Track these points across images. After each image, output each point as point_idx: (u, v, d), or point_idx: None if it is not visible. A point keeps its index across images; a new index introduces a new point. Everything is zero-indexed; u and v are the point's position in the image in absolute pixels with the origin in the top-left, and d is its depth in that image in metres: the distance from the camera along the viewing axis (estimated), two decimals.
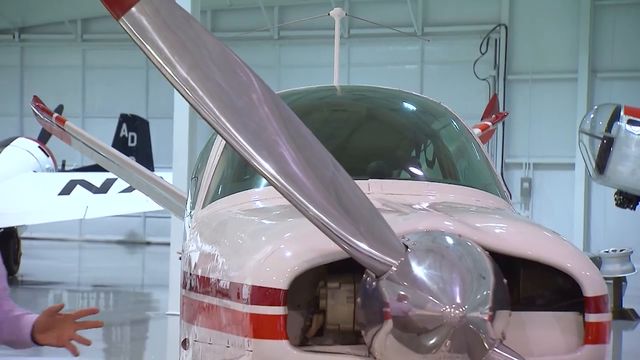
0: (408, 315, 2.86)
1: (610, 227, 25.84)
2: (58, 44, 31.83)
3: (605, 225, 26.29)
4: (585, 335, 3.15)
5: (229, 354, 3.44)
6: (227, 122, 2.89)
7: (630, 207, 21.07)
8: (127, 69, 29.05)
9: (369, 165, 4.47)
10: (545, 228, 3.37)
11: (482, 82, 27.62)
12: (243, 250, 3.46)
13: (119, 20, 2.86)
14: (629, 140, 19.77)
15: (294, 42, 29.44)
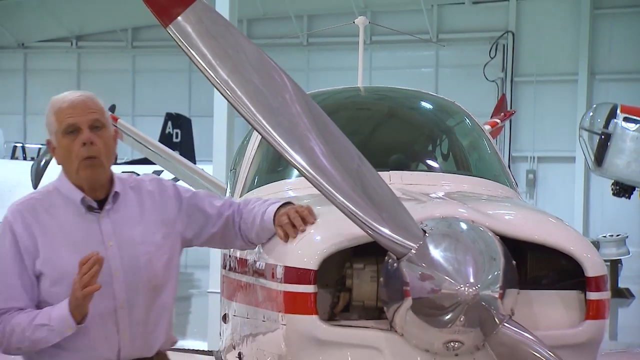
0: (426, 293, 2.86)
1: (607, 214, 25.76)
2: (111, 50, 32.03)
3: (602, 213, 26.21)
4: (587, 312, 3.14)
5: (265, 328, 3.45)
6: (263, 119, 2.90)
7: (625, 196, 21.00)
8: (171, 72, 29.18)
9: (390, 158, 4.47)
10: (550, 214, 3.36)
11: (491, 84, 27.57)
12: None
13: (167, 28, 2.88)
14: (624, 136, 19.71)
15: (322, 47, 29.46)
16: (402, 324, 2.97)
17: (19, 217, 3.26)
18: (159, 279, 3.33)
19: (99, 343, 3.23)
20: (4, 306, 3.20)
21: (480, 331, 2.87)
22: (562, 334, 3.11)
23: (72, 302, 3.09)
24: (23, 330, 3.15)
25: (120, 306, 3.24)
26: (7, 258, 3.23)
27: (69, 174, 3.32)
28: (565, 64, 27.12)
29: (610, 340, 11.62)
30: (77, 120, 3.26)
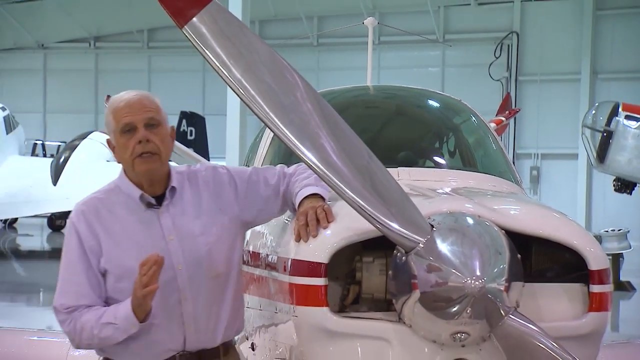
0: (434, 286, 2.86)
1: (609, 209, 25.73)
2: (127, 50, 32.12)
3: (604, 208, 26.18)
4: (590, 304, 3.13)
5: (277, 319, 3.46)
6: (275, 117, 2.90)
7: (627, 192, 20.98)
8: (186, 72, 29.24)
9: (399, 155, 4.47)
10: (554, 209, 3.36)
11: (496, 83, 27.59)
12: (289, 228, 3.47)
13: (182, 29, 2.88)
14: (626, 134, 19.69)
15: (331, 48, 29.48)
16: (410, 315, 2.97)
17: (82, 218, 3.31)
18: (221, 269, 3.35)
19: (164, 335, 3.28)
20: (74, 304, 3.26)
21: (487, 323, 2.87)
22: (566, 326, 3.10)
23: (134, 302, 3.14)
24: (92, 328, 3.21)
25: (184, 298, 3.28)
26: (74, 258, 3.29)
27: (128, 171, 3.35)
28: (568, 63, 27.11)
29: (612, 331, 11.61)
30: (133, 119, 3.28)
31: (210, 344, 3.35)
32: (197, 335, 3.31)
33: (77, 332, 3.25)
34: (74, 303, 3.26)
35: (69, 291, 3.28)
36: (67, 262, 3.33)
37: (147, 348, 3.29)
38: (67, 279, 3.31)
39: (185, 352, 3.31)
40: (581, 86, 26.89)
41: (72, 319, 3.25)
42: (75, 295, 3.26)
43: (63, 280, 3.32)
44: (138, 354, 3.30)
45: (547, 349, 2.84)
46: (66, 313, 3.27)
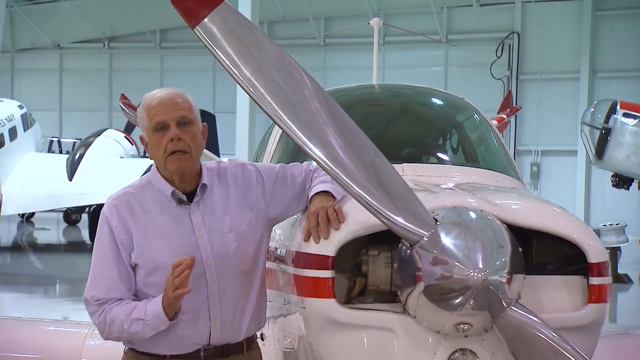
0: (438, 278, 2.85)
1: (607, 204, 25.71)
2: (140, 51, 32.17)
3: (603, 203, 26.16)
4: (589, 296, 3.12)
5: (286, 310, 3.46)
6: (283, 114, 2.89)
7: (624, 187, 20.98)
8: (197, 71, 29.28)
9: (403, 151, 4.46)
10: (554, 204, 3.35)
11: (497, 82, 27.58)
12: (297, 223, 3.47)
13: (194, 29, 2.87)
14: (624, 131, 19.69)
15: (338, 48, 29.49)
16: (414, 307, 2.97)
17: (114, 212, 3.30)
18: (248, 265, 3.34)
19: (191, 329, 3.27)
20: (105, 296, 3.25)
21: (489, 314, 2.87)
22: (566, 317, 3.09)
23: (165, 302, 3.14)
24: (122, 322, 3.21)
25: (211, 293, 3.27)
26: (106, 252, 3.29)
27: (160, 168, 3.35)
28: (567, 62, 27.09)
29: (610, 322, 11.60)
30: (166, 118, 3.27)
31: (235, 339, 3.34)
32: (222, 330, 3.30)
33: (107, 325, 3.25)
34: (104, 295, 3.25)
35: (100, 283, 3.27)
36: (98, 255, 3.32)
37: (174, 342, 3.28)
38: (99, 271, 3.30)
39: (210, 346, 3.31)
40: (580, 85, 26.88)
41: (102, 311, 3.25)
42: (106, 287, 3.26)
43: (95, 273, 3.31)
44: (165, 347, 3.29)
45: (547, 340, 2.84)
46: (97, 305, 3.27)
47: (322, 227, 3.14)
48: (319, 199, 3.28)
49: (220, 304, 3.28)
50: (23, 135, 23.81)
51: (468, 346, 2.99)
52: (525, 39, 27.94)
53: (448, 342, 2.99)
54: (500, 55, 27.75)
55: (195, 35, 2.88)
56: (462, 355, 3.00)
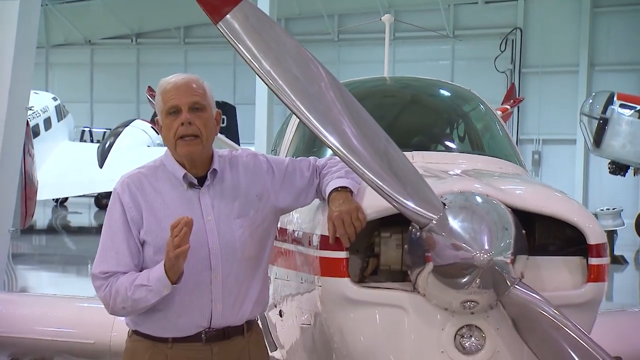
0: (446, 258, 2.85)
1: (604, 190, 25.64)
2: (166, 46, 32.21)
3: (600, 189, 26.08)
4: (588, 275, 3.10)
5: (303, 289, 3.46)
6: (301, 105, 2.87)
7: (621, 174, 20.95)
8: (219, 65, 29.31)
9: (413, 140, 4.45)
10: (556, 189, 3.33)
11: (501, 75, 27.50)
12: (313, 206, 3.46)
13: (217, 25, 2.86)
14: (620, 121, 19.66)
15: (351, 43, 29.44)
16: (424, 285, 2.96)
17: (126, 189, 3.23)
18: (253, 252, 3.27)
19: (194, 311, 3.19)
20: (113, 270, 3.16)
21: (494, 292, 2.86)
22: (566, 295, 3.08)
23: (167, 263, 3.04)
24: (126, 290, 3.10)
25: (214, 277, 3.18)
26: (117, 226, 3.20)
27: (171, 151, 3.28)
28: (567, 56, 26.99)
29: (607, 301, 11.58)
30: (179, 102, 3.20)
31: (236, 322, 3.26)
32: (224, 313, 3.22)
33: (111, 296, 3.13)
34: (112, 269, 3.16)
35: (109, 257, 3.18)
36: (109, 231, 3.23)
37: (176, 324, 3.20)
38: (109, 246, 3.20)
39: (211, 329, 3.22)
40: (579, 77, 26.78)
41: (108, 284, 3.14)
42: (115, 261, 3.17)
43: (104, 248, 3.22)
44: (167, 329, 3.21)
45: (549, 316, 2.83)
46: (103, 279, 3.16)
47: (350, 235, 3.06)
48: (339, 198, 3.17)
49: (223, 288, 3.20)
50: (57, 125, 23.92)
51: (474, 322, 2.99)
52: (528, 34, 27.84)
53: (455, 318, 2.98)
54: (503, 50, 27.67)
55: (218, 30, 2.87)
56: (469, 330, 2.99)
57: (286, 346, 3.91)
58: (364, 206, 3.10)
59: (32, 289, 13.45)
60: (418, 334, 3.01)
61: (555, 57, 27.16)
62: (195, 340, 3.22)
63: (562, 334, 2.80)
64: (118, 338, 4.23)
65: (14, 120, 10.40)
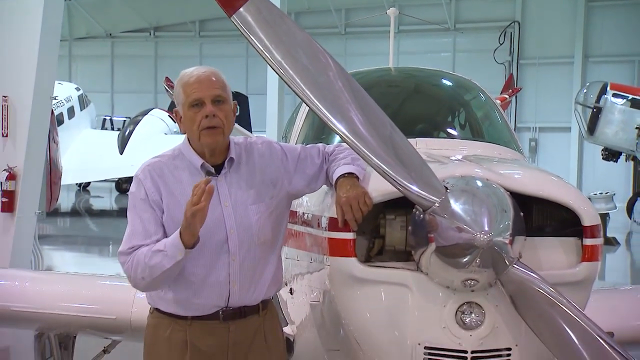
0: (448, 239, 2.84)
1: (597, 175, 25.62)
2: (182, 39, 32.22)
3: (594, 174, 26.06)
4: (583, 255, 3.09)
5: (312, 268, 3.46)
6: (310, 93, 2.86)
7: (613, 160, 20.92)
8: (232, 57, 29.29)
9: (417, 127, 4.43)
10: (552, 173, 3.31)
11: (500, 66, 27.46)
12: (322, 191, 3.46)
13: (231, 18, 2.84)
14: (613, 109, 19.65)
15: (357, 36, 29.38)
16: (427, 265, 2.96)
17: (148, 175, 3.21)
18: (268, 236, 3.26)
19: (212, 291, 3.18)
20: (139, 243, 3.12)
21: (493, 271, 2.85)
22: (562, 274, 3.07)
23: (183, 223, 2.99)
24: (144, 257, 3.07)
25: (232, 259, 3.17)
26: (142, 207, 3.17)
27: (193, 141, 3.25)
28: (563, 48, 26.93)
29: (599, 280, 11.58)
30: (202, 95, 3.17)
31: (252, 302, 3.26)
32: (240, 294, 3.21)
33: (133, 267, 3.10)
34: (139, 242, 3.12)
35: (137, 232, 3.14)
36: (134, 212, 3.19)
37: (195, 304, 3.19)
38: (136, 223, 3.16)
39: (228, 308, 3.22)
40: (574, 68, 26.74)
41: (132, 257, 3.12)
42: (142, 236, 3.13)
43: (132, 225, 3.18)
44: (187, 308, 3.21)
45: (545, 294, 2.82)
46: (128, 253, 3.13)
47: (357, 218, 3.05)
48: (347, 184, 3.15)
49: (240, 269, 3.19)
50: (80, 114, 23.97)
51: (474, 300, 2.98)
52: (525, 27, 27.76)
53: (456, 296, 2.98)
54: (502, 42, 27.61)
55: (232, 23, 2.85)
56: (469, 307, 2.99)
57: (296, 322, 3.92)
58: (370, 190, 3.09)
59: (57, 268, 13.52)
60: (421, 310, 3.01)
61: (552, 49, 27.10)
62: (214, 319, 3.22)
63: (557, 310, 2.80)
64: (138, 314, 4.24)
65: (40, 109, 10.42)
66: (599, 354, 2.76)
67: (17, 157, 10.25)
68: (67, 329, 4.91)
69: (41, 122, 10.61)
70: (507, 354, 3.01)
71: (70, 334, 5.09)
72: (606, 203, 18.37)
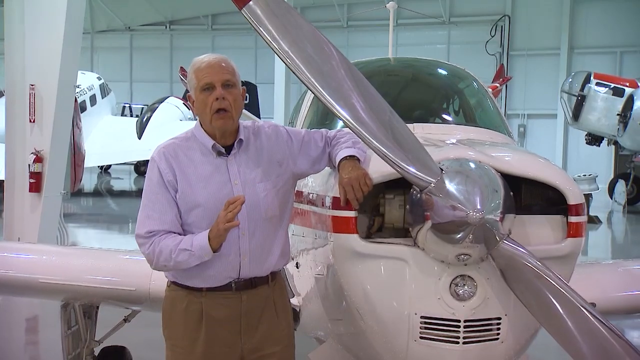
0: (443, 217, 2.83)
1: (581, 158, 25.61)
2: (195, 32, 32.14)
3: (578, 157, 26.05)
4: (568, 231, 3.07)
5: (317, 244, 3.45)
6: (315, 81, 2.84)
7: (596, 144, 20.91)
8: (242, 49, 29.22)
9: (414, 113, 4.40)
10: (540, 156, 3.29)
11: (491, 57, 27.38)
12: (326, 172, 3.45)
13: (241, 10, 2.82)
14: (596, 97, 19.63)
15: (358, 29, 29.29)
16: (423, 241, 2.95)
17: (162, 157, 3.19)
18: (275, 212, 3.25)
19: (225, 265, 3.18)
20: (157, 229, 3.13)
21: (485, 246, 2.84)
22: (548, 249, 3.06)
23: (214, 232, 3.02)
24: (170, 252, 3.08)
25: (242, 234, 3.17)
26: (157, 189, 3.16)
27: (204, 123, 3.24)
28: (550, 40, 26.88)
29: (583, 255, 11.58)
30: (212, 79, 3.16)
31: (261, 273, 3.25)
32: (250, 266, 3.21)
33: (155, 255, 3.11)
34: (156, 228, 3.12)
35: (153, 217, 3.14)
36: (150, 194, 3.18)
37: (209, 276, 3.19)
38: (151, 207, 3.16)
39: (240, 279, 3.22)
40: (560, 59, 26.68)
41: (151, 242, 3.11)
42: (158, 220, 3.13)
43: (147, 209, 3.17)
44: (203, 279, 3.20)
45: (533, 267, 2.82)
46: (147, 237, 3.11)
47: (358, 198, 3.04)
48: (349, 166, 3.14)
49: (250, 243, 3.19)
50: (101, 101, 23.97)
51: (467, 273, 2.98)
52: (515, 21, 27.67)
53: (451, 269, 2.98)
54: (493, 35, 27.54)
55: (242, 15, 2.83)
56: (462, 280, 2.99)
57: (302, 294, 3.93)
58: (371, 171, 3.08)
59: (81, 244, 13.56)
60: (418, 282, 3.00)
61: (539, 41, 27.03)
62: (227, 289, 3.22)
63: (544, 282, 2.80)
64: (156, 286, 4.25)
65: (64, 97, 10.42)
66: (582, 322, 2.76)
67: (43, 141, 10.28)
68: (91, 300, 4.92)
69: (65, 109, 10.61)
70: (497, 323, 3.02)
71: (93, 304, 5.10)
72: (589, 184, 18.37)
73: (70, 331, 5.06)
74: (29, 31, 10.13)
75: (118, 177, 28.09)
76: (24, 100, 10.18)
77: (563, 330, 2.78)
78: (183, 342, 3.23)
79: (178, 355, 3.26)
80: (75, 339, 5.10)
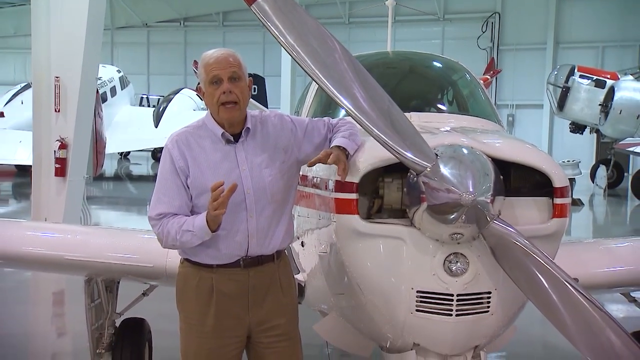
0: (437, 199, 2.83)
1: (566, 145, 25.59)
2: (208, 28, 32.05)
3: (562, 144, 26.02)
4: (553, 212, 3.07)
5: (320, 224, 3.45)
6: (319, 73, 2.83)
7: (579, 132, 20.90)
8: (251, 44, 29.15)
9: (411, 103, 4.38)
10: (528, 142, 3.28)
11: (482, 51, 27.33)
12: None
13: (251, 7, 2.81)
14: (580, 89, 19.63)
15: (359, 25, 29.20)
16: (419, 221, 2.94)
17: (175, 145, 3.20)
18: (280, 196, 3.25)
19: (233, 244, 3.19)
20: (166, 211, 3.14)
21: (476, 226, 2.83)
22: (535, 228, 3.05)
23: (208, 217, 3.05)
24: (175, 233, 3.11)
25: (249, 216, 3.18)
26: (168, 175, 3.18)
27: (213, 114, 3.24)
28: (537, 36, 26.81)
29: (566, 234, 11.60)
30: (220, 73, 3.16)
31: (267, 252, 3.26)
32: (258, 245, 3.22)
33: (164, 235, 3.14)
34: (165, 211, 3.15)
35: (163, 201, 3.16)
36: (162, 179, 3.20)
37: (220, 254, 3.21)
38: (162, 191, 3.18)
39: (247, 257, 3.23)
40: (546, 53, 26.62)
41: (161, 224, 3.14)
42: (167, 204, 3.15)
43: (158, 193, 3.19)
44: (214, 257, 3.22)
45: (521, 246, 2.81)
46: (157, 219, 3.15)
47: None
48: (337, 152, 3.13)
49: (257, 224, 3.19)
50: (121, 92, 23.97)
51: (460, 251, 2.97)
52: (505, 18, 27.57)
53: (445, 247, 2.97)
54: (485, 31, 27.46)
55: (252, 12, 2.82)
56: (455, 257, 2.98)
57: (307, 270, 3.93)
58: (371, 156, 3.08)
59: (102, 224, 13.61)
60: (414, 260, 3.00)
61: (527, 37, 26.95)
62: (235, 266, 3.23)
63: (531, 260, 2.79)
64: (172, 263, 4.25)
65: (86, 89, 10.43)
66: (566, 296, 2.76)
67: (67, 129, 10.31)
68: (112, 275, 4.94)
69: (88, 100, 10.62)
70: (487, 296, 3.02)
71: (114, 279, 5.12)
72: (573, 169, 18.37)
73: (94, 304, 5.08)
74: (54, 28, 10.13)
75: (137, 163, 28.11)
76: (50, 91, 10.20)
77: (548, 303, 2.78)
78: (195, 315, 3.25)
79: (191, 327, 3.27)
80: (98, 311, 5.12)
